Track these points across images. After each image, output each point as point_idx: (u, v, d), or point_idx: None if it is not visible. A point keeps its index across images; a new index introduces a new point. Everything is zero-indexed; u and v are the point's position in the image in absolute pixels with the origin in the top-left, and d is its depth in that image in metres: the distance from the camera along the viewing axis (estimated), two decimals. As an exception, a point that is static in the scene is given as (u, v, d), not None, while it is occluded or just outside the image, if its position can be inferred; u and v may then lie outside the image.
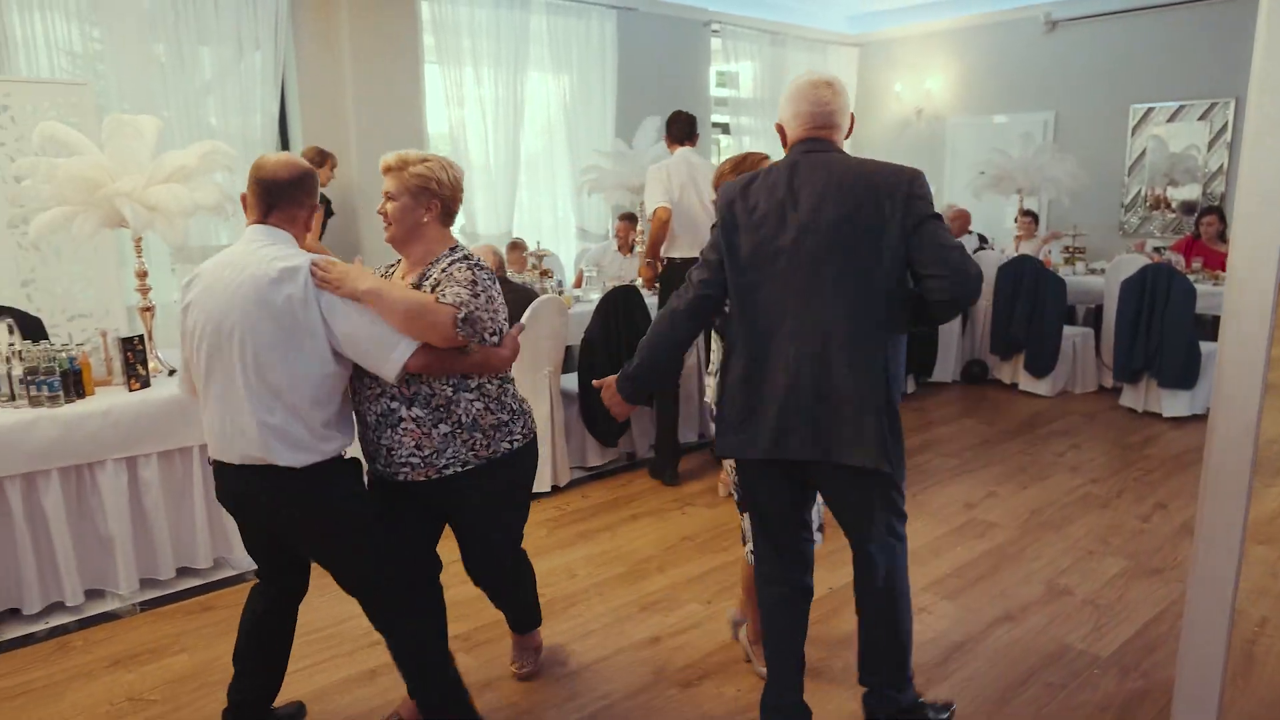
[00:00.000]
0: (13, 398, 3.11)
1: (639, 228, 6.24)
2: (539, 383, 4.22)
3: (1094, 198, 7.40)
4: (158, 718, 2.56)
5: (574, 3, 6.94)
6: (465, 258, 2.18)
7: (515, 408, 2.30)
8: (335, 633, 3.02)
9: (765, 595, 2.33)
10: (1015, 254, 6.65)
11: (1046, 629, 3.00)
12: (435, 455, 2.14)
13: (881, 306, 2.03)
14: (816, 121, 2.16)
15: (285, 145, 5.85)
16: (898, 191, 2.01)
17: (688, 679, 2.73)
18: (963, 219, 6.94)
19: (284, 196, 2.11)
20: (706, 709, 2.58)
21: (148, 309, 3.59)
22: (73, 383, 3.15)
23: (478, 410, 2.18)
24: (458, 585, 2.77)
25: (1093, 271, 6.86)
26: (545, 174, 7.26)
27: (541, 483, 4.20)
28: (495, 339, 2.17)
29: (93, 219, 3.20)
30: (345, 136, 5.90)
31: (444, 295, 2.06)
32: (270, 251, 2.03)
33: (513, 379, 2.35)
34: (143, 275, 3.57)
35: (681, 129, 4.83)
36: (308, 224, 2.19)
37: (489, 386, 2.21)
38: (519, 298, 4.13)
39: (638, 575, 3.46)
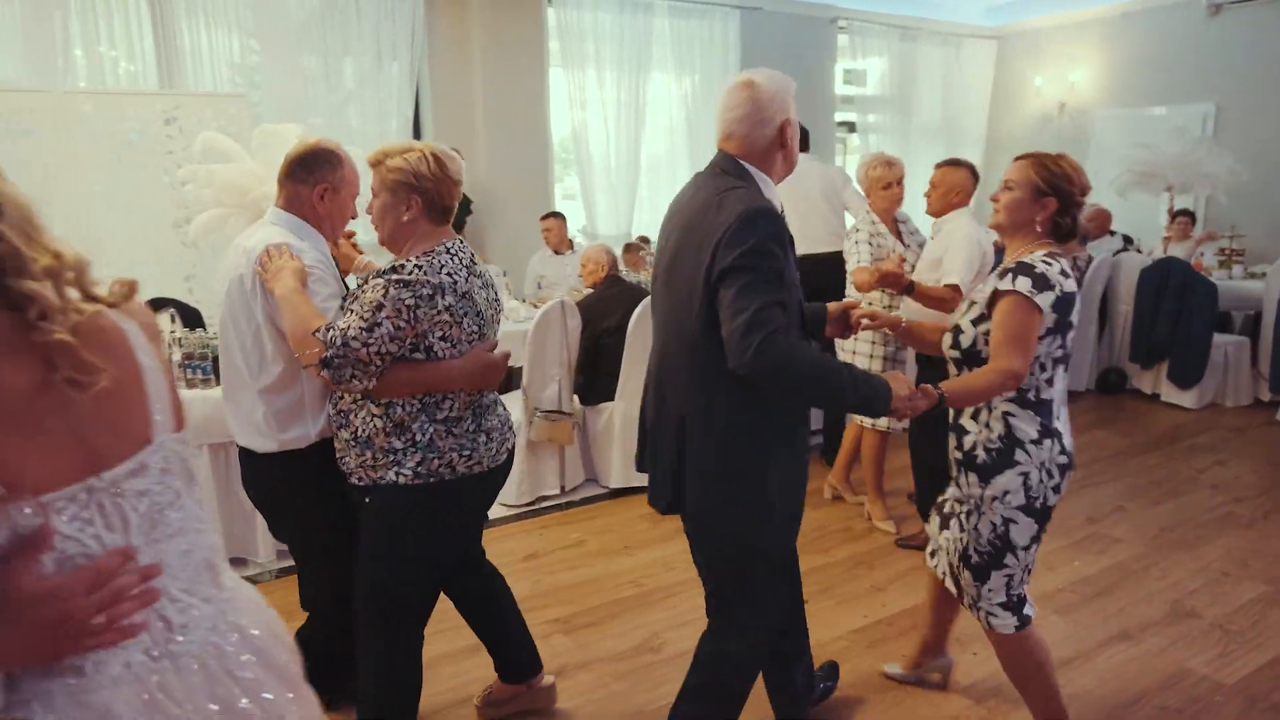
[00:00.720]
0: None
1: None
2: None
3: (1257, 196, 6.82)
4: (285, 674, 2.80)
5: (697, 4, 7.00)
6: (396, 269, 1.89)
7: (425, 440, 1.96)
8: (444, 607, 3.20)
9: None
10: (1162, 256, 6.22)
11: (1166, 651, 2.83)
12: (341, 457, 2.04)
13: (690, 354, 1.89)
14: (720, 130, 1.94)
15: (420, 149, 6.20)
16: (713, 236, 1.78)
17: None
18: (1100, 219, 6.56)
19: (289, 177, 2.11)
20: (794, 706, 2.59)
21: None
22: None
23: (374, 427, 1.95)
24: (563, 572, 2.90)
25: (1252, 275, 6.33)
26: (666, 175, 7.36)
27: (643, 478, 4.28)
28: (419, 356, 1.92)
29: (244, 220, 3.51)
30: (473, 139, 6.19)
31: (336, 321, 1.87)
32: (263, 233, 2.10)
33: (481, 407, 2.07)
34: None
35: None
36: (315, 204, 2.11)
37: (398, 408, 1.94)
38: (628, 295, 4.23)
39: (736, 571, 3.49)
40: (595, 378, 4.25)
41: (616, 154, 6.84)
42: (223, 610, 1.08)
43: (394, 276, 1.88)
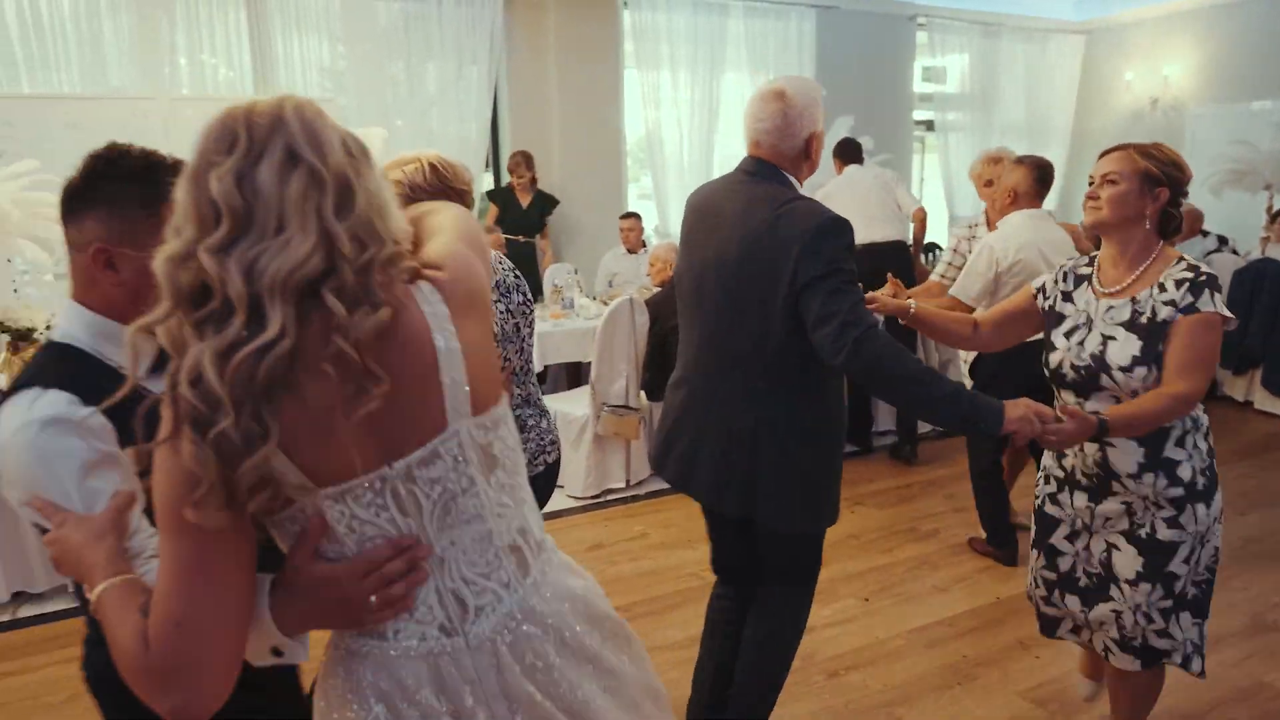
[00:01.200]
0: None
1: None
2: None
3: (1367, 195, 6.45)
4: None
5: (773, 4, 7.00)
6: None
7: None
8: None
9: None
10: (1258, 257, 5.94)
11: (1242, 663, 2.74)
12: None
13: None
14: (748, 136, 1.99)
15: (496, 150, 6.38)
16: (789, 247, 1.84)
17: (834, 669, 2.76)
18: (1191, 218, 6.29)
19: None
20: (850, 698, 2.61)
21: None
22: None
23: None
24: (626, 563, 2.96)
25: (1358, 278, 5.98)
26: (739, 174, 7.37)
27: (713, 473, 4.33)
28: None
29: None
30: (549, 140, 6.33)
31: None
32: None
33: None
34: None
35: (848, 150, 5.06)
36: None
37: None
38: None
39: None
40: (661, 374, 4.32)
41: (689, 154, 6.89)
42: (525, 598, 1.08)
43: None
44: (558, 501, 3.90)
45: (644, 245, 6.00)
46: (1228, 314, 1.86)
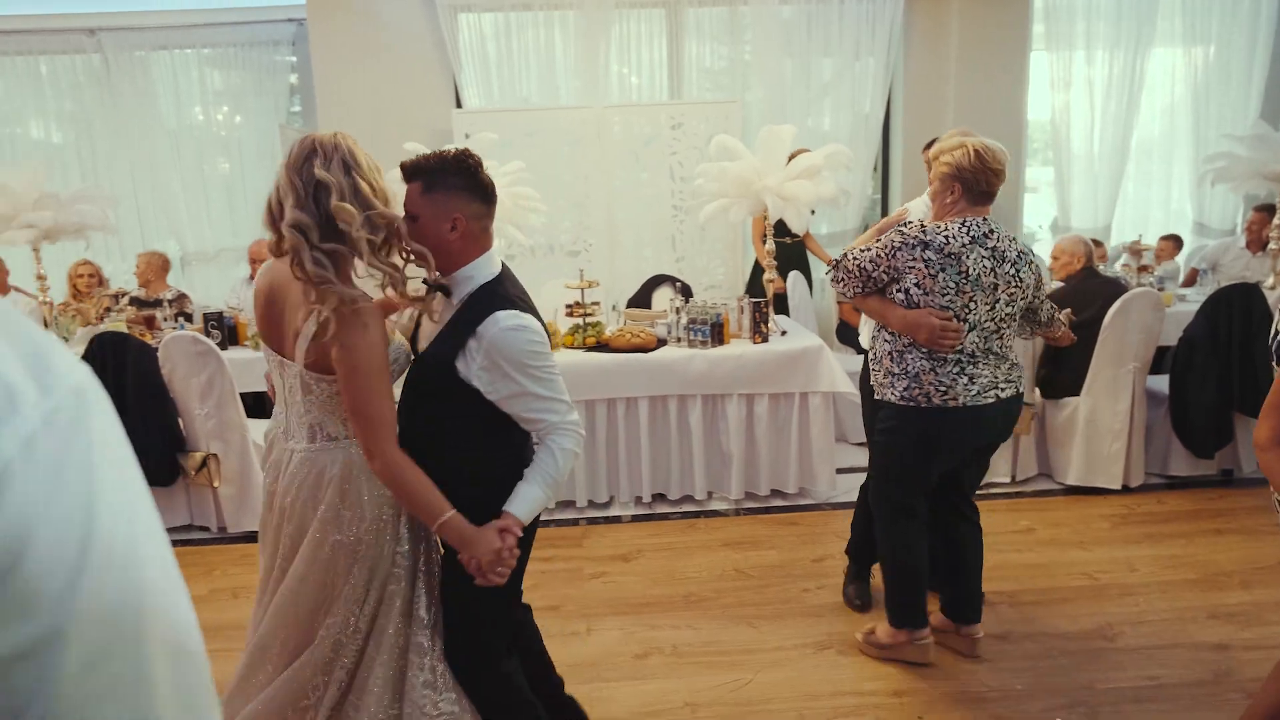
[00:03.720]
0: (678, 340, 4.21)
1: (1275, 222, 5.39)
2: (1120, 378, 4.07)
3: None
4: (753, 588, 3.31)
5: (1220, -34, 6.20)
6: (908, 224, 2.53)
7: (914, 371, 2.53)
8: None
9: None
10: None
11: None
12: (874, 370, 2.71)
13: None
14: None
15: (886, 142, 6.45)
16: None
17: (1254, 691, 2.53)
18: None
19: None
20: None
21: (771, 280, 4.46)
22: (717, 333, 4.13)
23: (883, 350, 2.62)
24: (1011, 552, 2.97)
25: None
26: (1160, 162, 6.66)
27: (1111, 479, 4.08)
28: (899, 297, 2.55)
29: (742, 209, 4.13)
30: (941, 129, 6.25)
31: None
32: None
33: (969, 356, 2.49)
34: (771, 254, 4.46)
35: None
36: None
37: (900, 340, 2.55)
38: (1106, 289, 4.06)
39: (1212, 585, 3.21)
40: (1059, 371, 4.15)
41: (1100, 139, 6.37)
42: None
43: (900, 226, 2.47)
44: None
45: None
46: None
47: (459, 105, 5.89)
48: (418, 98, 5.85)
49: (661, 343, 4.21)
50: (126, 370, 3.70)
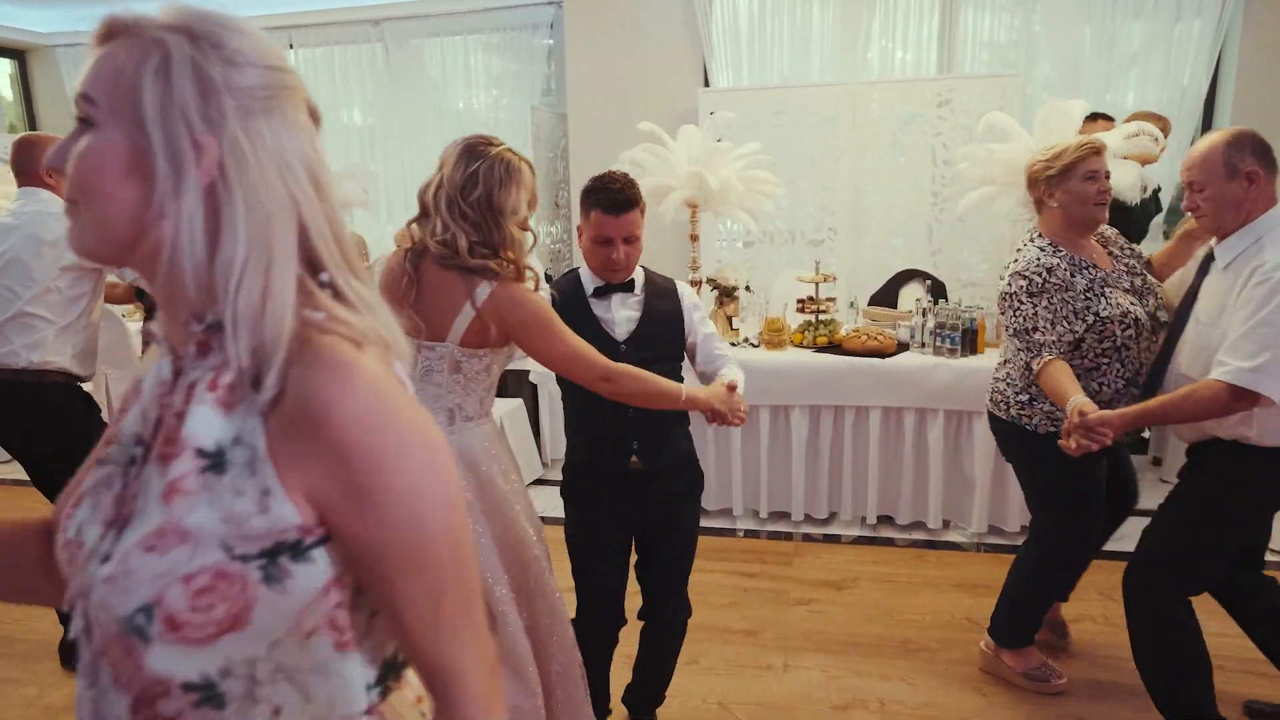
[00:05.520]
0: (921, 345, 3.74)
1: None
2: None
3: None
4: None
5: None
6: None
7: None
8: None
9: None
10: None
11: None
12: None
13: None
14: None
15: (1208, 121, 5.39)
16: None
17: None
18: None
19: None
20: None
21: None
22: (969, 340, 3.62)
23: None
24: None
25: None
26: None
27: None
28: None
29: (1011, 199, 3.55)
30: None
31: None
32: None
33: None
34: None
35: None
36: None
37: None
38: None
39: None
40: None
41: None
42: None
43: None
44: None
45: None
46: None
47: (706, 84, 5.70)
48: (664, 77, 5.74)
49: (902, 347, 3.77)
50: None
